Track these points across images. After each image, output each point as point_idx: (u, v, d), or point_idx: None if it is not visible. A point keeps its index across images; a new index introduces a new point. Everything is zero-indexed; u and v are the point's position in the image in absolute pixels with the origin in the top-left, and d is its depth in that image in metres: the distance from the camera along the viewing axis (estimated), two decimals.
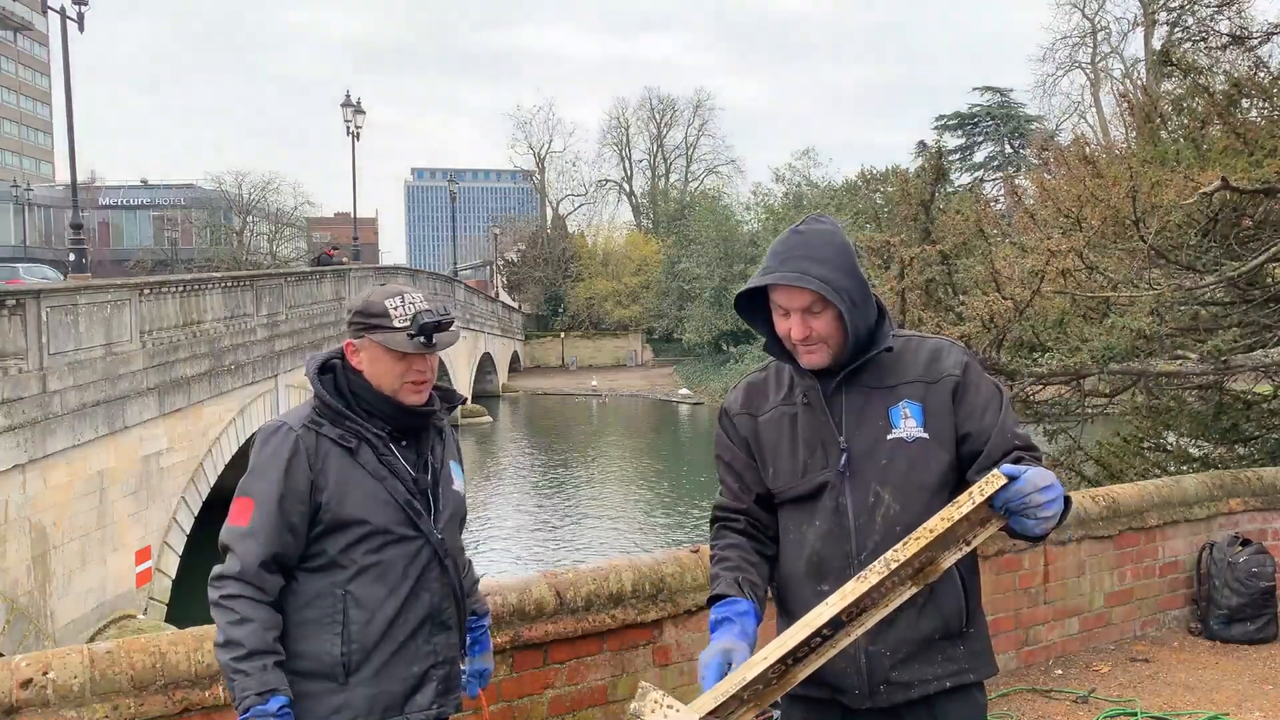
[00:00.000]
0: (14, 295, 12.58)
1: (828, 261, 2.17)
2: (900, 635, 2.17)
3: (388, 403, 2.45)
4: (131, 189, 67.67)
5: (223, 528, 2.39)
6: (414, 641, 2.45)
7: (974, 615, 2.27)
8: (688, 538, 21.67)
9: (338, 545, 2.38)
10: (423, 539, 2.46)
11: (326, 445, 2.40)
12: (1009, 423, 2.22)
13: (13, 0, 78.06)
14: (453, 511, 2.57)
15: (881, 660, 2.18)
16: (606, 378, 54.74)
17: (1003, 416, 2.21)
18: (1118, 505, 5.67)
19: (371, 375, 2.46)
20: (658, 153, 74.30)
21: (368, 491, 2.40)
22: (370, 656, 2.39)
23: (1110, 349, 7.25)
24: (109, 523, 13.87)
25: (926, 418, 2.20)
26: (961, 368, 2.23)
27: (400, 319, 2.43)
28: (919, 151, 45.69)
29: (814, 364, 2.21)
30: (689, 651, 4.10)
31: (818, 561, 2.22)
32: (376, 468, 2.42)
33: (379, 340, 2.43)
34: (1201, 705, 4.85)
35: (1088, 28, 45.32)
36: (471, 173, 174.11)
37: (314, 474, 2.37)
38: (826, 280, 2.15)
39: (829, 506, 2.21)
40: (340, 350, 2.53)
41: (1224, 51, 8.78)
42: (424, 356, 2.46)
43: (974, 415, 2.21)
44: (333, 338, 24.55)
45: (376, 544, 2.40)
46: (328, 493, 2.37)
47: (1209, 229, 7.86)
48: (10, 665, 2.88)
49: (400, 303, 2.45)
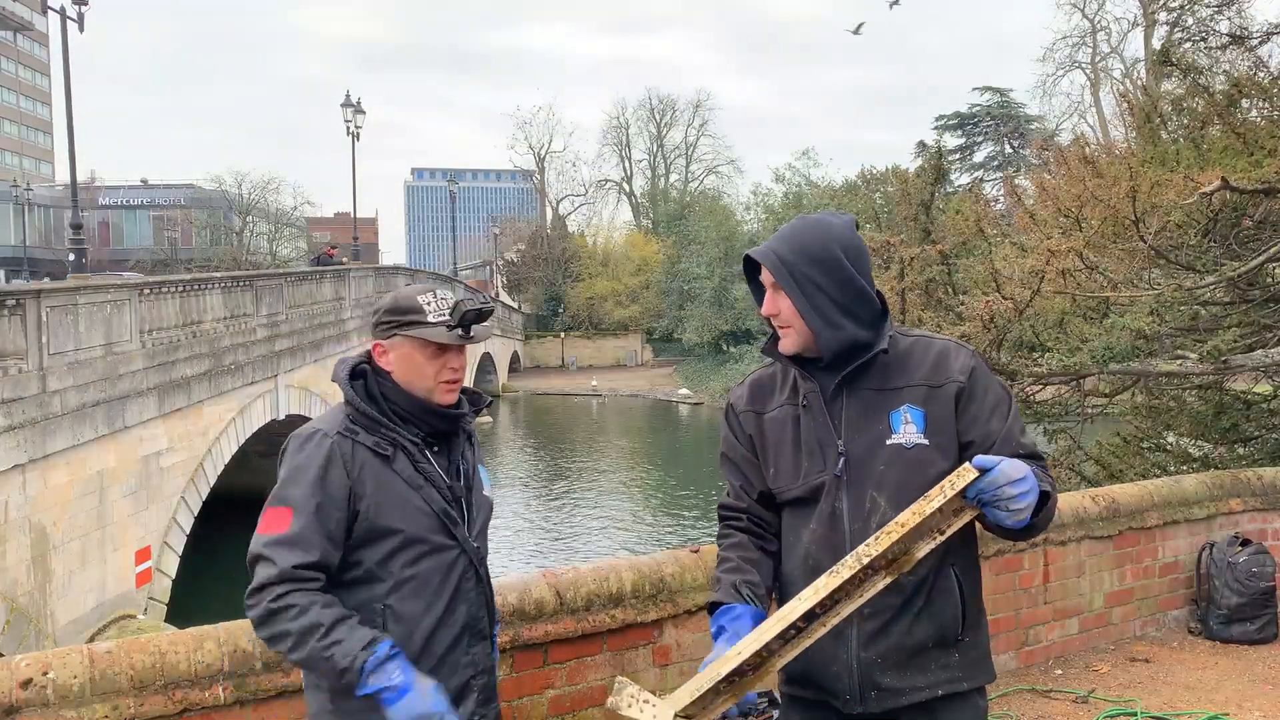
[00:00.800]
0: (14, 295, 12.58)
1: (804, 250, 2.15)
2: (894, 642, 2.14)
3: (420, 406, 2.39)
4: (131, 189, 67.70)
5: (254, 540, 2.28)
6: (453, 653, 2.40)
7: (972, 623, 2.22)
8: (688, 537, 21.68)
9: (375, 556, 2.32)
10: (459, 548, 2.41)
11: (363, 453, 2.33)
12: (1014, 430, 2.17)
13: (13, 0, 78.03)
14: (484, 519, 2.52)
15: (874, 667, 2.15)
16: (606, 378, 54.74)
17: (1008, 424, 2.16)
18: (1118, 505, 5.67)
19: (403, 376, 2.40)
20: (658, 153, 74.40)
21: (404, 500, 2.34)
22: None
23: (1110, 349, 7.25)
24: (109, 523, 13.87)
25: (928, 423, 2.15)
26: (968, 373, 2.17)
27: (435, 313, 2.39)
28: (919, 151, 45.72)
29: (786, 349, 2.21)
30: (689, 651, 4.10)
31: (812, 565, 2.19)
32: (413, 476, 2.36)
33: (414, 335, 2.37)
34: (1201, 705, 4.85)
35: (1088, 28, 45.38)
36: (471, 173, 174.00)
37: (351, 481, 2.30)
38: (784, 260, 2.14)
39: (825, 511, 2.19)
40: (368, 354, 2.47)
41: (1224, 51, 8.78)
42: (459, 353, 2.42)
43: (978, 422, 2.16)
44: (332, 338, 24.55)
45: (414, 554, 2.34)
46: (365, 501, 2.31)
47: (1209, 229, 7.86)
48: (10, 665, 2.88)
49: (433, 298, 2.42)
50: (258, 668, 3.13)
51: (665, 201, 70.04)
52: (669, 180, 74.43)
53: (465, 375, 2.47)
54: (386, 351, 2.42)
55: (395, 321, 2.40)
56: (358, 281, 28.34)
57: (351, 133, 34.08)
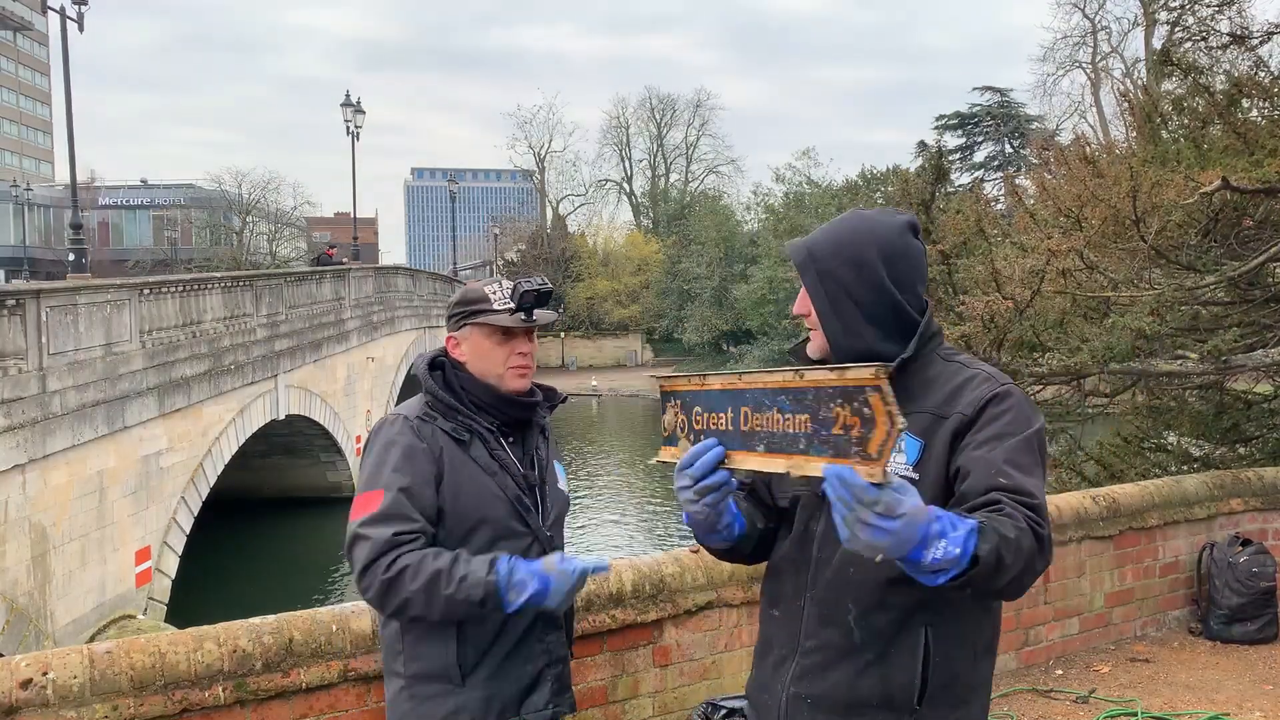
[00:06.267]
0: (14, 295, 12.57)
1: (839, 248, 1.93)
2: (829, 688, 1.90)
3: (494, 394, 2.46)
4: (131, 189, 67.79)
5: (350, 525, 2.31)
6: (528, 640, 2.43)
7: (938, 698, 1.86)
8: (688, 537, 21.65)
9: (452, 539, 2.36)
10: (532, 536, 2.45)
11: (442, 438, 2.40)
12: (1011, 459, 1.78)
13: (13, 0, 78.03)
14: (559, 511, 2.57)
15: (802, 706, 1.93)
16: (607, 378, 54.75)
17: (1004, 451, 1.78)
18: (1118, 505, 5.66)
19: (475, 365, 2.48)
20: (658, 153, 74.39)
21: (481, 485, 2.40)
22: (485, 657, 2.37)
23: (1110, 349, 7.24)
24: (109, 523, 13.87)
25: (921, 455, 1.85)
26: (977, 405, 1.84)
27: (500, 301, 2.46)
28: (919, 151, 45.77)
29: (810, 352, 2.01)
30: (689, 651, 4.10)
31: (775, 579, 2.05)
32: (488, 462, 2.43)
33: (483, 322, 2.45)
34: (1202, 705, 4.85)
35: (1088, 27, 45.41)
36: (471, 173, 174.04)
37: (434, 464, 2.37)
38: (814, 257, 1.95)
39: (799, 529, 2.01)
40: (443, 349, 2.55)
41: (1224, 51, 8.76)
42: (527, 339, 2.48)
43: (968, 448, 1.82)
44: (332, 338, 24.52)
45: (488, 539, 2.38)
46: (445, 484, 2.37)
47: (1209, 229, 7.86)
48: (10, 665, 2.88)
49: (499, 287, 2.49)
50: (258, 668, 3.13)
51: (665, 201, 70.07)
52: (669, 180, 74.44)
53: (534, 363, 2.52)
54: (459, 343, 2.51)
55: (464, 312, 2.49)
56: (357, 281, 28.32)
57: (351, 133, 34.05)
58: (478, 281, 2.58)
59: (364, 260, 39.62)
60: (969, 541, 1.59)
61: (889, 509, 1.51)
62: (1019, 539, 1.65)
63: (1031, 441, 1.82)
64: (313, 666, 3.21)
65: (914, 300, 1.95)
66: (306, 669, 3.21)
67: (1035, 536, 1.68)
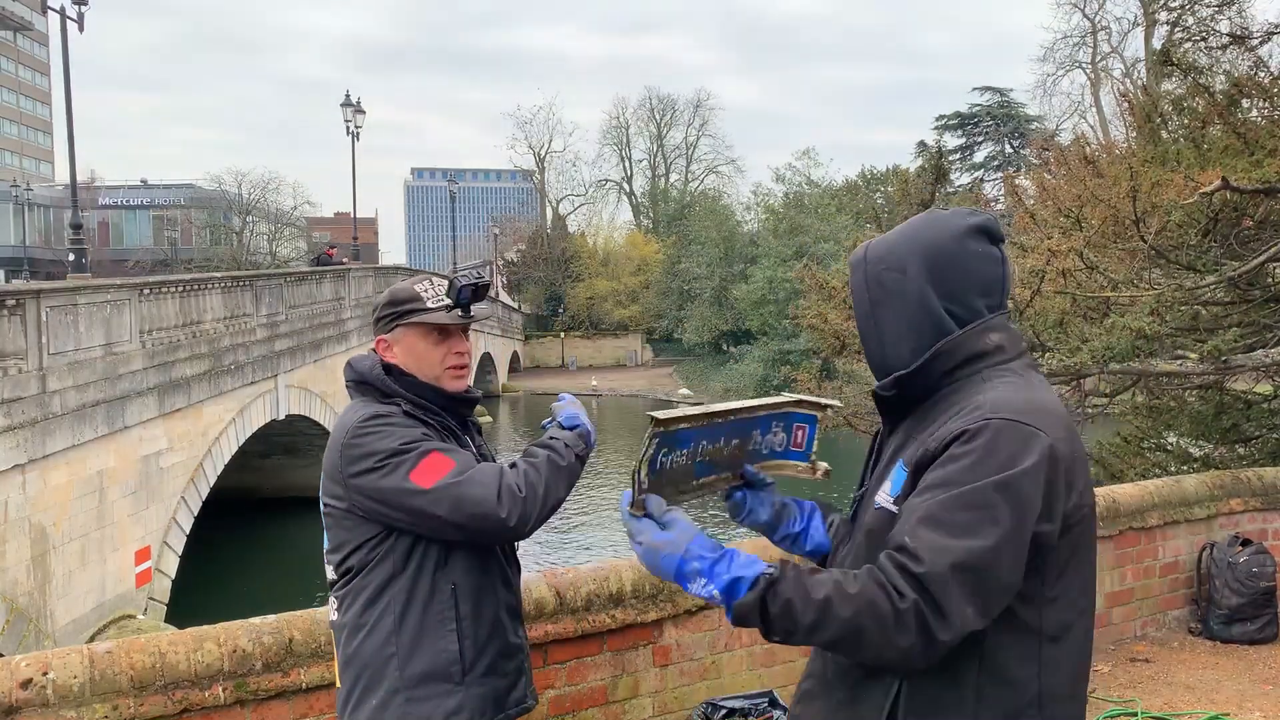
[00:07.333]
0: (14, 295, 12.57)
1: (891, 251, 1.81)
2: (813, 714, 1.84)
3: (443, 395, 2.40)
4: (131, 189, 67.77)
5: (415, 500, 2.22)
6: (510, 634, 2.42)
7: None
8: None
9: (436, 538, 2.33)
10: None
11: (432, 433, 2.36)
12: (934, 515, 1.56)
13: (13, 0, 78.03)
14: None
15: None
16: (606, 378, 54.75)
17: (933, 505, 1.57)
18: (1118, 505, 5.66)
19: (409, 367, 2.39)
20: (658, 153, 74.43)
21: None
22: (482, 653, 2.35)
23: (1110, 349, 7.24)
24: (109, 523, 13.87)
25: (903, 489, 1.70)
26: (944, 441, 1.63)
27: (433, 299, 2.40)
28: (919, 151, 45.81)
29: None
30: (689, 651, 4.10)
31: None
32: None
33: (416, 322, 2.37)
34: (1202, 705, 4.85)
35: (1088, 28, 45.35)
36: (471, 173, 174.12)
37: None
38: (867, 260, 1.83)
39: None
40: (372, 353, 2.45)
41: (1224, 51, 8.77)
42: (463, 337, 2.42)
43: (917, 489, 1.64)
44: (332, 338, 24.53)
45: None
46: None
47: (1209, 229, 7.86)
48: (10, 665, 2.88)
49: (429, 285, 2.43)
50: (257, 668, 3.13)
51: (665, 201, 70.11)
52: (669, 180, 74.48)
53: (470, 360, 2.47)
54: (391, 345, 2.42)
55: (394, 313, 2.40)
56: (357, 281, 28.33)
57: (351, 133, 34.05)
58: (405, 280, 2.49)
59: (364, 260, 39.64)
60: (735, 588, 1.59)
61: (631, 534, 1.72)
62: (857, 604, 1.53)
63: (979, 495, 1.55)
64: (313, 666, 3.21)
65: (963, 312, 1.75)
66: (306, 669, 3.21)
67: (893, 609, 1.52)
